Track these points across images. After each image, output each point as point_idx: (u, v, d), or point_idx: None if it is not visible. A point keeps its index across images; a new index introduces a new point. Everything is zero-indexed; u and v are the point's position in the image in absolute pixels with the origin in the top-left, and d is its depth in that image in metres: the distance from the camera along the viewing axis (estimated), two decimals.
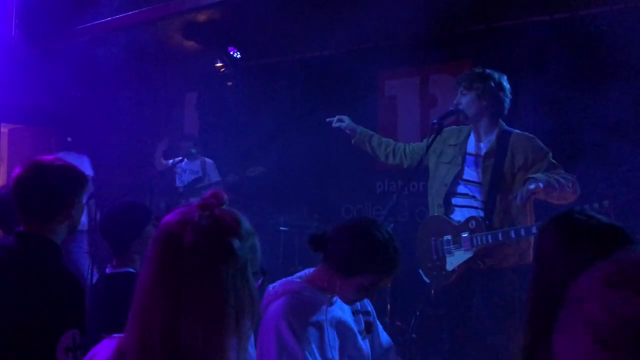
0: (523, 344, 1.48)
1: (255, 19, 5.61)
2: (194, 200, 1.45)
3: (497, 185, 3.45)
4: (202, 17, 5.74)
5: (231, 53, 6.59)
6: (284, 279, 2.35)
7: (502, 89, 3.54)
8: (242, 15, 5.65)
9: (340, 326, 2.29)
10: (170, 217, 1.40)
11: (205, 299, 1.32)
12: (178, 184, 6.68)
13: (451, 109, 3.57)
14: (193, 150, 6.13)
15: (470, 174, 3.57)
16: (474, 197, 3.53)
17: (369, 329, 2.46)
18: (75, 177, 2.25)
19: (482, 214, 3.47)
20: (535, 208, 3.56)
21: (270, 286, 2.33)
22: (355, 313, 2.44)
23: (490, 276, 3.43)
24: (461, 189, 3.58)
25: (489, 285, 3.44)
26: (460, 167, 3.58)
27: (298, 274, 2.39)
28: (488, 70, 3.56)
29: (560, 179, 3.29)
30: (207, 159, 6.62)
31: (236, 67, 6.76)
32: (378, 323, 2.56)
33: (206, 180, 6.50)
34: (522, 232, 3.28)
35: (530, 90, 5.28)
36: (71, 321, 2.06)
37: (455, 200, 3.60)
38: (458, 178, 3.58)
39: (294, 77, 6.42)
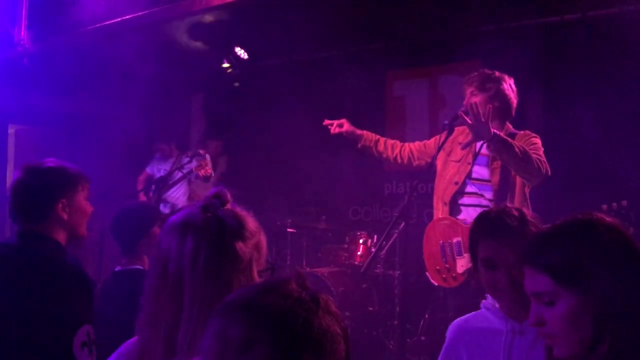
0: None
1: (262, 19, 5.59)
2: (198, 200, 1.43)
3: (506, 186, 3.46)
4: (208, 17, 5.72)
5: (238, 53, 6.56)
6: None
7: (513, 91, 3.56)
8: (249, 15, 5.63)
9: None
10: (173, 220, 1.38)
11: (209, 301, 1.30)
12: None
13: (462, 110, 3.53)
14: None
15: (479, 172, 3.57)
16: (482, 195, 3.52)
17: None
18: (62, 179, 2.22)
19: None
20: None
21: None
22: None
23: None
24: (469, 188, 3.58)
25: None
26: (471, 166, 3.58)
27: None
28: (497, 73, 3.56)
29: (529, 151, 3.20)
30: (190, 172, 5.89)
31: (243, 68, 6.73)
32: None
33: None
34: None
35: (540, 92, 5.24)
36: (85, 316, 2.06)
37: (462, 200, 3.59)
38: (467, 177, 3.58)
39: (301, 77, 6.38)
